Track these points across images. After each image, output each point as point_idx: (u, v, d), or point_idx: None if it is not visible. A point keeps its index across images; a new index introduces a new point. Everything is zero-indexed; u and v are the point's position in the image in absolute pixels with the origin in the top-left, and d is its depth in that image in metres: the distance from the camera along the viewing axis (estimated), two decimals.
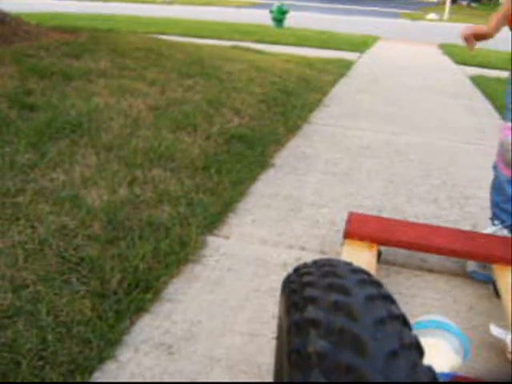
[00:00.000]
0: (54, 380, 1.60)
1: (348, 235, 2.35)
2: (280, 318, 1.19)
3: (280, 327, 1.18)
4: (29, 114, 3.36)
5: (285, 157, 3.84)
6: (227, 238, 2.63)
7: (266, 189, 3.24)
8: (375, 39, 12.97)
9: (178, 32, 10.78)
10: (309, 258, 2.45)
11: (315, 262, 1.20)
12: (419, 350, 0.93)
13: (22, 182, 2.58)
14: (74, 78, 4.18)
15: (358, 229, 2.38)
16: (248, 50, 8.35)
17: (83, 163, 2.90)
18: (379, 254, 2.39)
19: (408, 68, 9.00)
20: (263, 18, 15.23)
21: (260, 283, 2.27)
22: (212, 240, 2.58)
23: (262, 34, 11.80)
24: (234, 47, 8.40)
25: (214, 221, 2.71)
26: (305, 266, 1.19)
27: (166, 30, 11.11)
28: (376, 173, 3.65)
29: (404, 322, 0.99)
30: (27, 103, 3.49)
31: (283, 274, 2.27)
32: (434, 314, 1.71)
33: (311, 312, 0.97)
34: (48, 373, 1.62)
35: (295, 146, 4.11)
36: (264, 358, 1.82)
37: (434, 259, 2.56)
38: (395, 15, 23.91)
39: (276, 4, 14.44)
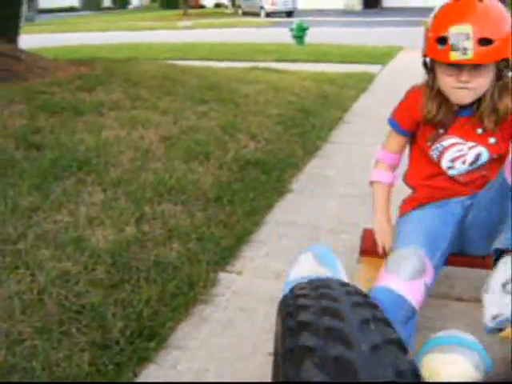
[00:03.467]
0: None
1: (364, 253, 2.23)
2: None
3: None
4: (35, 153, 3.29)
5: (303, 181, 3.70)
6: (240, 273, 2.50)
7: (283, 217, 3.10)
8: (398, 49, 12.76)
9: (198, 56, 10.76)
10: None
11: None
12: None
13: (24, 227, 2.50)
14: (85, 112, 4.12)
15: (374, 246, 2.20)
16: (267, 70, 8.24)
17: (89, 202, 2.81)
18: None
19: None
20: (284, 36, 15.19)
21: (274, 324, 2.12)
22: (223, 277, 2.45)
23: (283, 52, 11.72)
24: (253, 68, 8.31)
25: (225, 256, 2.58)
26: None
27: (186, 55, 11.10)
28: (399, 194, 3.48)
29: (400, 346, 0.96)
30: (34, 142, 3.42)
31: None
32: (453, 330, 1.59)
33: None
34: None
35: (314, 168, 3.97)
36: None
37: (462, 285, 2.39)
38: (417, 24, 23.70)
39: (296, 22, 14.39)
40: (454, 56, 1.68)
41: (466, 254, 1.98)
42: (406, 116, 2.03)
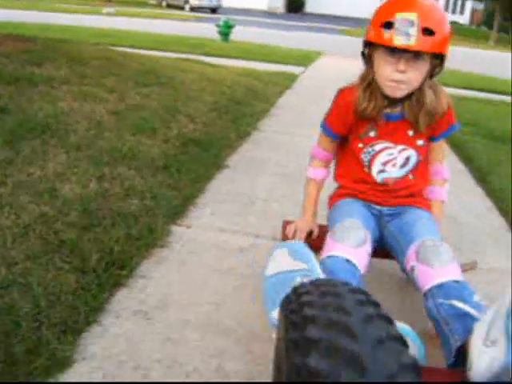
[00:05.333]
0: (50, 337, 1.85)
1: None
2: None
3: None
4: (0, 115, 3.58)
5: (237, 160, 4.17)
6: (189, 227, 2.93)
7: (222, 186, 3.55)
8: (318, 54, 13.49)
9: (127, 43, 10.90)
10: (262, 243, 2.79)
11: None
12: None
13: (2, 176, 2.82)
14: (38, 84, 4.41)
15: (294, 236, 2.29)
16: (197, 62, 8.66)
17: (55, 161, 3.16)
18: None
19: (349, 81, 9.47)
20: (209, 31, 15.59)
21: (220, 264, 2.58)
22: (176, 229, 2.87)
23: (210, 47, 12.13)
24: (185, 59, 8.70)
25: (176, 212, 3.00)
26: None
27: (115, 41, 11.24)
28: None
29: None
30: None
31: (239, 255, 2.61)
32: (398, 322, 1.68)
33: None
34: (44, 332, 1.87)
35: (246, 151, 4.44)
36: (230, 321, 2.13)
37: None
38: (337, 32, 24.73)
39: (223, 19, 14.85)
40: (398, 40, 1.75)
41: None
42: (337, 121, 2.12)
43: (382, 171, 2.09)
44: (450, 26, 1.85)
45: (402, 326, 1.59)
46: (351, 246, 1.83)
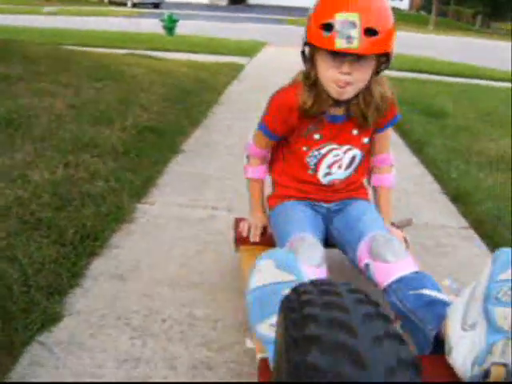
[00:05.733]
0: (39, 298, 2.11)
1: (240, 241, 2.33)
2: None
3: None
4: None
5: (191, 144, 4.46)
6: (153, 204, 3.21)
7: (179, 168, 3.84)
8: (263, 44, 13.83)
9: (72, 42, 10.99)
10: (220, 214, 3.10)
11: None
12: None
13: None
14: None
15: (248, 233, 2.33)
16: (145, 56, 8.88)
17: (23, 151, 3.39)
18: None
19: (293, 69, 9.84)
20: (153, 26, 15.72)
21: (183, 233, 2.87)
22: (140, 206, 3.15)
23: (156, 42, 12.32)
24: (132, 55, 8.91)
25: (139, 192, 3.27)
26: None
27: (61, 40, 11.30)
28: None
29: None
30: None
31: (199, 225, 2.89)
32: None
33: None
34: (34, 294, 2.13)
35: (199, 136, 4.74)
36: (196, 277, 2.43)
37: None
38: (280, 21, 25.12)
39: (167, 13, 15.03)
40: (339, 44, 1.63)
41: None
42: (278, 122, 2.04)
43: (328, 174, 2.07)
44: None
45: None
46: (314, 265, 1.76)
